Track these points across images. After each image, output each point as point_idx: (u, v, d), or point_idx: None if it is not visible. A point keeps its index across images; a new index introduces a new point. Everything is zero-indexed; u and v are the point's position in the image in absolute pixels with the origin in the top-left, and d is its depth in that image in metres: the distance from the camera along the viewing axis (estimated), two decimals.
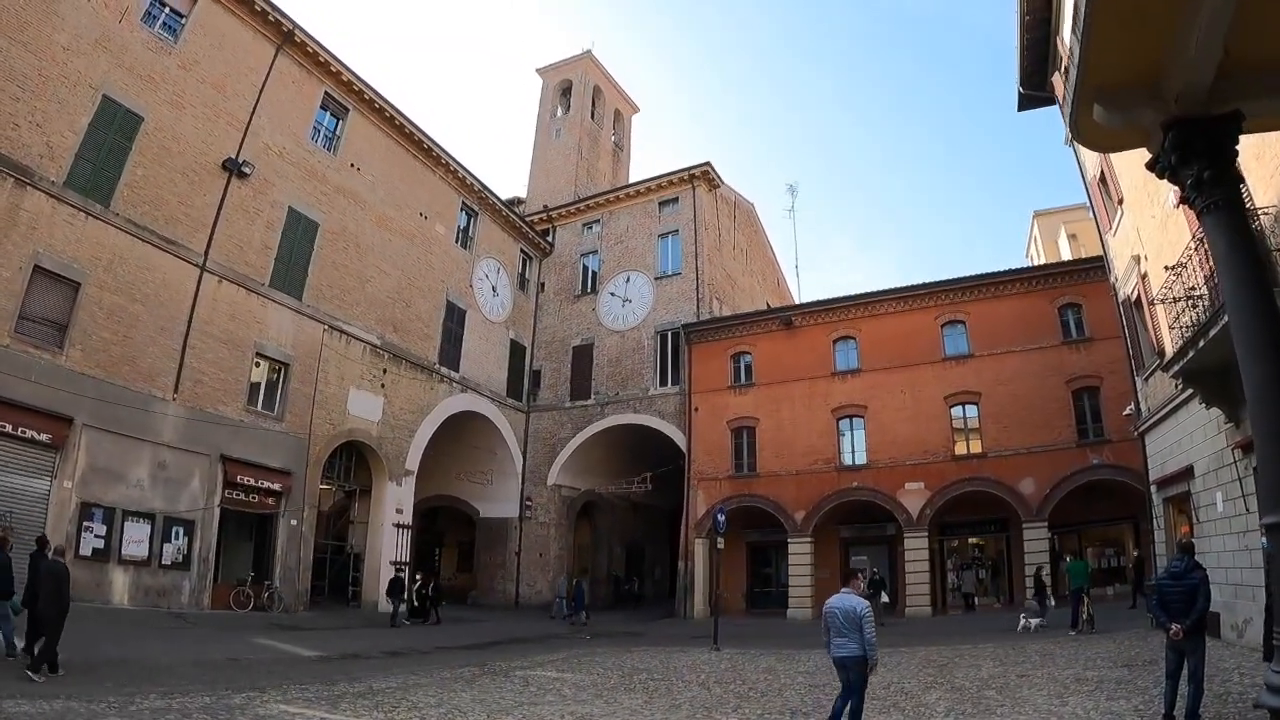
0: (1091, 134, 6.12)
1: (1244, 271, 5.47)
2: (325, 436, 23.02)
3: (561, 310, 34.96)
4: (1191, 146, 5.63)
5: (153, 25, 18.94)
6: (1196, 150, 5.64)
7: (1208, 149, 5.61)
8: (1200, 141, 5.60)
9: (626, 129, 46.65)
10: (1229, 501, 12.11)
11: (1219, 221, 5.64)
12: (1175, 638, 6.95)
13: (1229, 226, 5.59)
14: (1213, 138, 5.56)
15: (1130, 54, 5.23)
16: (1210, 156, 5.60)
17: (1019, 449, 23.43)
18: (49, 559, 10.35)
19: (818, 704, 9.91)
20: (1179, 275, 11.51)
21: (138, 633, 12.51)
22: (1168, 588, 7.30)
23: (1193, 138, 5.58)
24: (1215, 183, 5.63)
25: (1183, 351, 11.10)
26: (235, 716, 8.38)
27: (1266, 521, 4.64)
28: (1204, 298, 10.86)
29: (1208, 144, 5.60)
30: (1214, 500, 12.70)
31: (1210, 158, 5.60)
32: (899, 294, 26.89)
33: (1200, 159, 5.62)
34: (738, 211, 36.76)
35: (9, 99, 15.57)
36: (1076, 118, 5.91)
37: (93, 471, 16.42)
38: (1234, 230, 5.57)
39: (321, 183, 23.82)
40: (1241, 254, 5.52)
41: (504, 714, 9.36)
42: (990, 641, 15.96)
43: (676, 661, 14.97)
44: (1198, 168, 5.62)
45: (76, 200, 16.75)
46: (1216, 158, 5.61)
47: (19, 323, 15.47)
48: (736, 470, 28.09)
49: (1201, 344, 10.34)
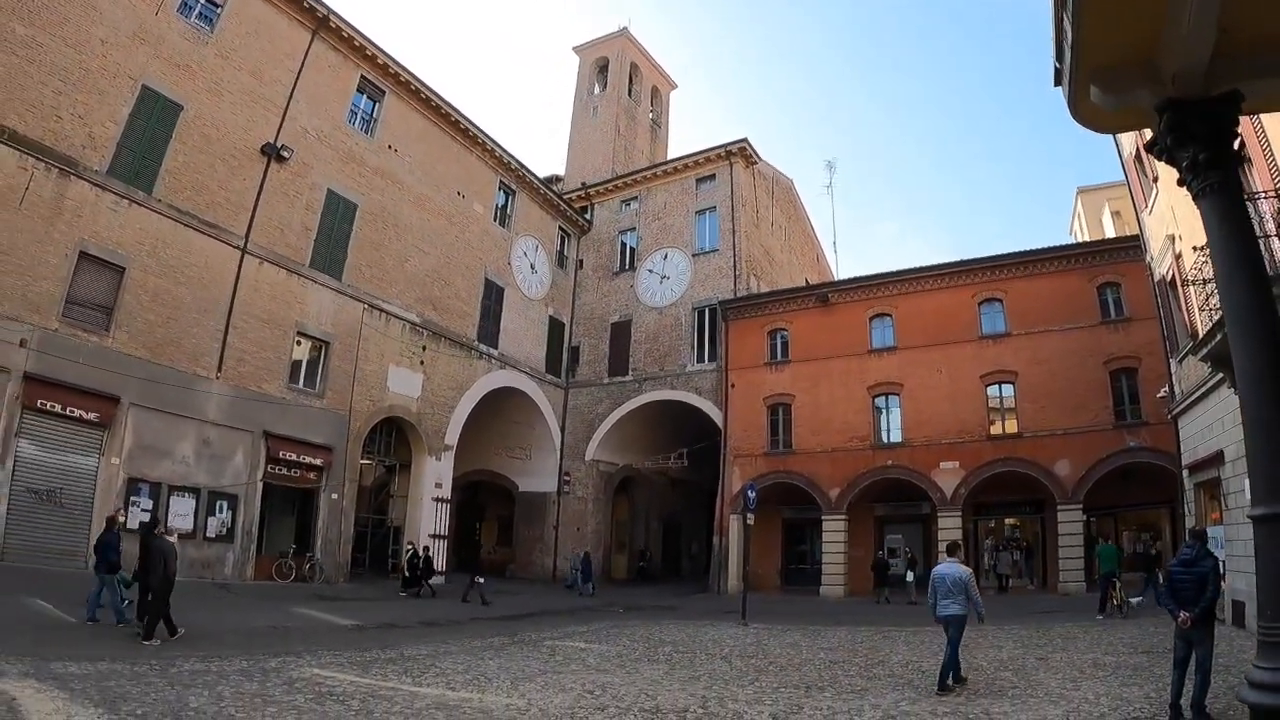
0: (1091, 115, 5.98)
1: (1239, 257, 5.34)
2: (365, 413, 23.63)
3: (600, 287, 35.13)
4: (1187, 128, 5.48)
5: (189, 16, 19.44)
6: (1192, 132, 5.48)
7: (1204, 131, 5.44)
8: (1196, 123, 5.44)
9: (664, 105, 46.34)
10: None
11: (1215, 205, 5.49)
12: (1184, 626, 6.85)
13: (1225, 210, 5.45)
14: (1209, 119, 5.40)
15: (1124, 34, 5.09)
16: (1207, 139, 5.43)
17: (1055, 430, 23.00)
18: (158, 537, 11.39)
19: (834, 679, 10.07)
20: (1209, 256, 11.14)
21: (182, 603, 12.99)
22: (1178, 575, 7.17)
23: (1188, 119, 5.42)
24: (1211, 165, 5.48)
25: (1211, 334, 10.79)
26: (269, 678, 8.80)
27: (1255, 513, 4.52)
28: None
29: (1204, 126, 5.43)
30: (1243, 487, 12.36)
31: (1207, 140, 5.43)
32: (936, 271, 26.47)
33: (1196, 141, 5.46)
34: (776, 188, 36.37)
35: (51, 93, 16.20)
36: (1075, 99, 5.77)
37: (139, 448, 17.21)
38: (1230, 214, 5.43)
39: (359, 165, 24.23)
40: (1237, 239, 5.39)
41: (527, 680, 9.63)
42: (1017, 623, 15.85)
43: (703, 635, 15.17)
44: (1194, 150, 5.46)
45: (119, 188, 17.42)
46: (1213, 140, 5.44)
47: (66, 307, 16.24)
48: (772, 447, 28.08)
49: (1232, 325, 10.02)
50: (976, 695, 8.62)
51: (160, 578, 10.75)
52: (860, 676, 10.22)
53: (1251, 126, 11.67)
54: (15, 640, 9.29)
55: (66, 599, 12.57)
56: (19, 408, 15.12)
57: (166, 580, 10.83)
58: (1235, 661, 9.05)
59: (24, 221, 15.60)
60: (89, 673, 8.14)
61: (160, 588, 10.75)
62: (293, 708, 7.52)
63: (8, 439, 14.86)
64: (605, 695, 8.77)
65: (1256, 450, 4.84)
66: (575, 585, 26.88)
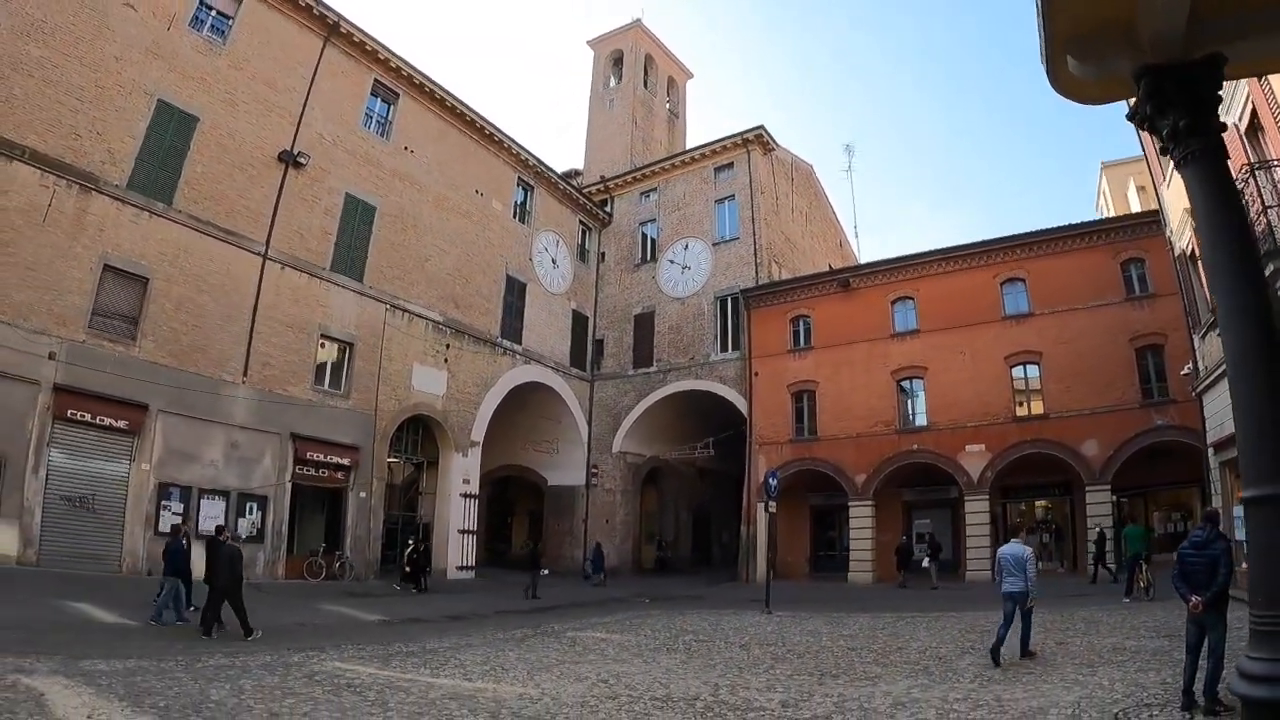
0: (1071, 86, 5.84)
1: (1223, 227, 5.20)
2: (391, 412, 23.96)
3: (622, 279, 35.20)
4: (1166, 95, 5.33)
5: (201, 29, 19.83)
6: (1171, 99, 5.33)
7: (1183, 97, 5.29)
8: (1175, 89, 5.29)
9: (681, 95, 46.18)
10: None
11: (1197, 173, 5.36)
12: (1195, 611, 6.65)
13: (1207, 179, 5.31)
14: (1188, 84, 5.25)
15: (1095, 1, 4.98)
16: (1187, 105, 5.28)
17: (1081, 410, 22.62)
18: (224, 543, 12.72)
19: (849, 666, 10.08)
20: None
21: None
22: (1189, 558, 6.92)
23: (1166, 86, 5.28)
24: (1192, 132, 5.33)
25: None
26: (291, 672, 9.07)
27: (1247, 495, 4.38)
28: None
29: (1183, 91, 5.28)
30: None
31: (1187, 106, 5.29)
32: (957, 253, 26.14)
33: (1176, 108, 5.32)
34: (796, 174, 36.12)
35: (69, 112, 16.67)
36: (1054, 70, 5.65)
37: (169, 453, 17.67)
38: (1213, 182, 5.29)
39: (376, 167, 24.52)
40: (1221, 208, 5.24)
41: (544, 670, 9.78)
42: (1043, 607, 15.56)
43: (725, 624, 15.24)
44: (1173, 117, 5.32)
45: (140, 201, 17.87)
46: (1193, 105, 5.29)
47: (93, 319, 16.76)
48: (797, 434, 28.00)
49: None
50: (990, 681, 8.56)
51: (230, 578, 11.85)
52: (876, 664, 10.21)
53: (1263, 94, 11.37)
54: (50, 640, 9.62)
55: (103, 601, 13.00)
56: (50, 418, 15.63)
57: (235, 580, 11.95)
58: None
59: (48, 237, 16.09)
60: (117, 670, 8.43)
61: (231, 587, 11.81)
62: (310, 699, 7.74)
63: (40, 449, 15.38)
64: (619, 684, 8.87)
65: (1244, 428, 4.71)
66: (589, 576, 27.39)
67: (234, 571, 12.01)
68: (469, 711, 7.44)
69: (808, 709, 7.55)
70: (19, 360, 15.25)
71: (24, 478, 15.09)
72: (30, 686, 7.31)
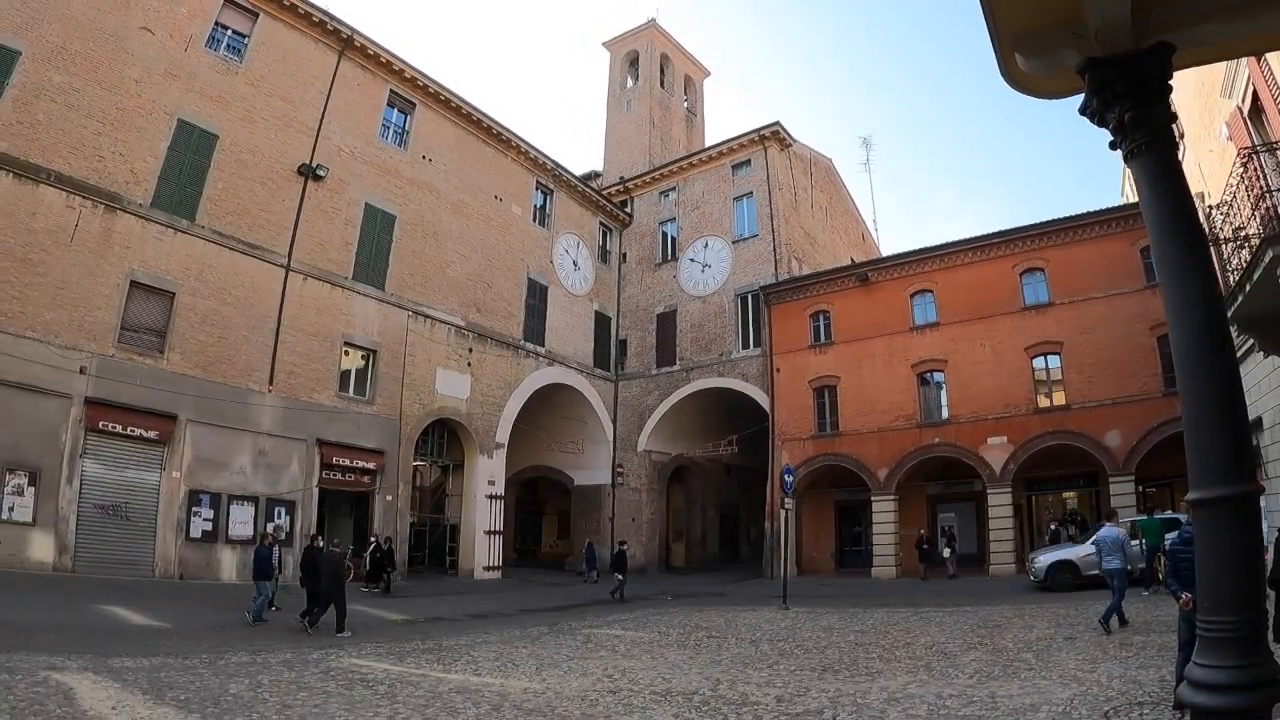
0: (1023, 81, 5.82)
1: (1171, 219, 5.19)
2: (415, 416, 24.42)
3: (644, 279, 35.40)
4: (1111, 88, 5.31)
5: (217, 49, 20.42)
6: (1117, 91, 5.33)
7: (1128, 89, 5.30)
8: (1119, 82, 5.28)
9: (698, 94, 46.20)
10: None
11: (1144, 166, 5.35)
12: (1185, 608, 6.59)
13: (1155, 171, 5.29)
14: (1131, 76, 5.26)
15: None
16: (1133, 97, 5.30)
17: (1103, 400, 22.35)
18: (325, 550, 14.06)
19: (853, 661, 10.16)
20: (1226, 214, 10.74)
21: (241, 604, 13.96)
22: (1180, 554, 6.76)
23: (1110, 79, 5.26)
24: (1138, 125, 5.33)
25: (1232, 296, 10.36)
26: (308, 668, 9.49)
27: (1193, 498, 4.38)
28: (1250, 239, 10.09)
29: (1127, 83, 5.29)
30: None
31: (1133, 98, 5.30)
32: (975, 244, 25.92)
33: (1121, 100, 5.33)
34: (814, 168, 36.02)
35: (92, 134, 17.32)
36: (1004, 65, 5.68)
37: (198, 462, 18.27)
38: (1160, 175, 5.26)
39: (395, 177, 25.00)
40: (1168, 201, 5.23)
41: (552, 666, 10.07)
42: (1059, 601, 15.55)
43: (740, 620, 15.36)
44: (1119, 110, 5.34)
45: (163, 218, 18.50)
46: (1140, 97, 5.31)
47: (121, 334, 17.40)
48: (819, 430, 27.98)
49: (1248, 288, 9.62)
50: (989, 678, 8.56)
51: (334, 581, 13.16)
52: (880, 659, 10.26)
53: (1263, 75, 11.21)
54: (81, 641, 10.08)
55: (135, 605, 13.56)
56: (82, 430, 16.28)
57: (339, 582, 13.22)
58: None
59: (76, 256, 16.75)
60: (143, 666, 8.87)
61: (335, 589, 13.10)
62: (323, 693, 8.10)
63: (73, 460, 16.03)
64: (622, 679, 9.09)
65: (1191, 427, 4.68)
66: (583, 573, 27.66)
67: (337, 575, 13.29)
68: (473, 704, 7.72)
69: (802, 704, 7.66)
70: (51, 375, 15.91)
71: (59, 487, 15.74)
72: (60, 682, 7.74)
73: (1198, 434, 4.47)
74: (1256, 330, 11.06)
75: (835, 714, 7.18)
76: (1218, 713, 3.64)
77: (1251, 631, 3.70)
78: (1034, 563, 18.98)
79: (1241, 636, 3.67)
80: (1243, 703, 3.54)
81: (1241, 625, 3.69)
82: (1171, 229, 4.87)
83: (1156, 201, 5.07)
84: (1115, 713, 6.62)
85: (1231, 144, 11.22)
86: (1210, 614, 3.97)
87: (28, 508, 15.24)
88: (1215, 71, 12.24)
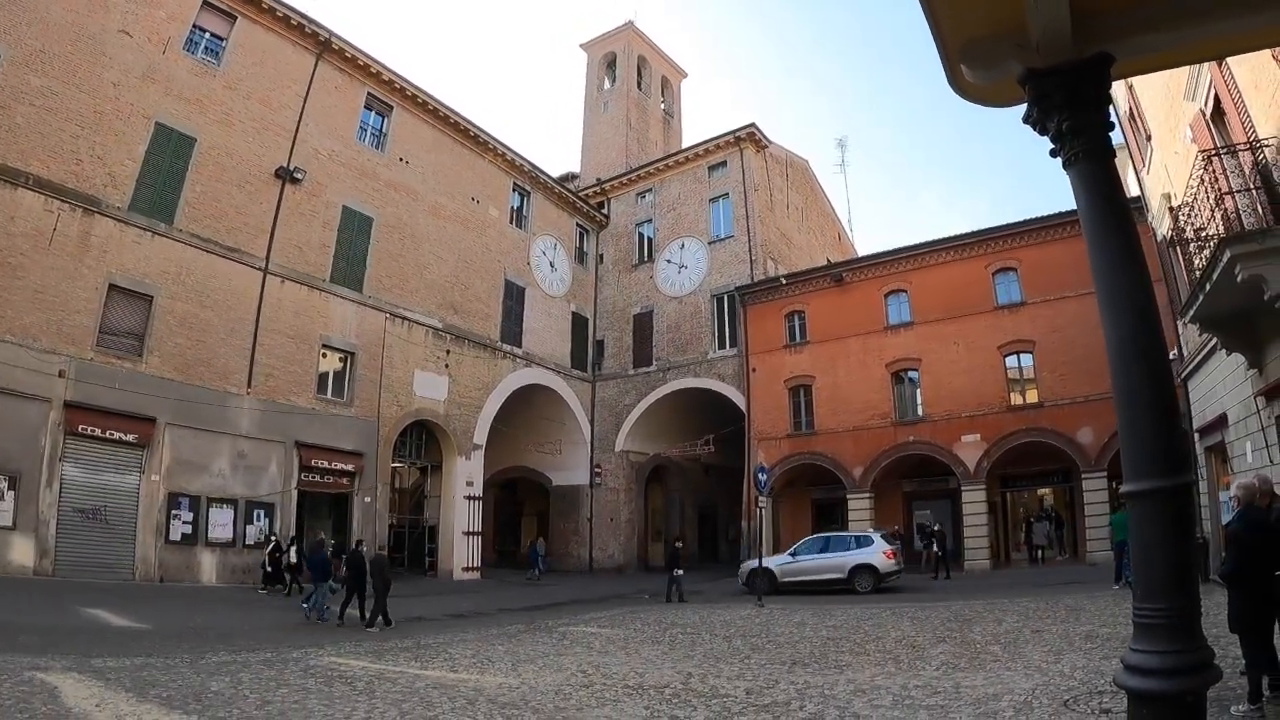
0: (970, 91, 5.98)
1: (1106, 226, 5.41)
2: (394, 418, 24.51)
3: (620, 280, 35.64)
4: (1050, 98, 5.52)
5: (195, 52, 20.43)
6: (1056, 102, 5.54)
7: (1066, 100, 5.54)
8: (1056, 92, 5.49)
9: (675, 95, 46.49)
10: (1256, 451, 11.70)
11: (1081, 173, 5.56)
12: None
13: (1091, 178, 5.49)
14: (1070, 87, 5.50)
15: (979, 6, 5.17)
16: (1070, 106, 5.53)
17: (1075, 398, 22.73)
18: (375, 554, 15.36)
19: (823, 655, 10.28)
20: (1188, 215, 11.07)
21: (223, 606, 14.11)
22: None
23: (1048, 89, 5.46)
24: (1076, 133, 5.57)
25: (1193, 296, 10.67)
26: (288, 666, 9.61)
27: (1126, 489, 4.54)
28: (1211, 239, 10.41)
29: (1064, 93, 5.51)
30: (1245, 450, 12.25)
31: (1071, 107, 5.54)
32: (948, 244, 26.37)
33: (1061, 110, 5.56)
34: (790, 170, 36.41)
35: (69, 138, 17.32)
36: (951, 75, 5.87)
37: (177, 464, 18.31)
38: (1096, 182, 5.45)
39: (372, 179, 25.08)
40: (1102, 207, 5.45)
41: (528, 663, 10.22)
42: (1029, 595, 15.82)
43: (716, 617, 15.55)
44: (1058, 119, 5.57)
45: (142, 221, 18.53)
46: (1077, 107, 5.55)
47: (100, 337, 17.42)
48: (795, 429, 28.34)
49: (1208, 288, 9.93)
50: (955, 669, 8.70)
51: (382, 581, 14.22)
52: (850, 653, 10.40)
53: (1224, 80, 11.55)
54: (65, 643, 10.16)
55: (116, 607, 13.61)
56: (61, 434, 16.29)
57: (385, 582, 14.24)
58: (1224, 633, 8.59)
59: (54, 260, 16.76)
60: (125, 666, 8.98)
61: (381, 589, 14.12)
62: (302, 689, 8.24)
63: (53, 463, 16.04)
64: (596, 674, 9.24)
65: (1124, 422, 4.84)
66: (529, 574, 27.66)
67: (385, 575, 14.35)
68: (449, 699, 7.86)
69: (770, 695, 7.80)
70: (30, 379, 15.92)
71: (38, 491, 15.75)
72: (45, 681, 7.84)
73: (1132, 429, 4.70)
74: (1218, 329, 11.37)
75: (802, 705, 7.31)
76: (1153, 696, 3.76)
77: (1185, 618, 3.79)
78: (741, 569, 21.94)
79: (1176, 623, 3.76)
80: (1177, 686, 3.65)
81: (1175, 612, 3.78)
82: (1105, 233, 5.11)
83: (1092, 207, 5.32)
84: (1075, 701, 6.72)
85: (1195, 146, 11.55)
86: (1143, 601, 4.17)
87: (7, 512, 15.24)
88: (1179, 75, 12.55)
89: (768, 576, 19.67)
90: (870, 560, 19.36)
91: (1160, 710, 3.77)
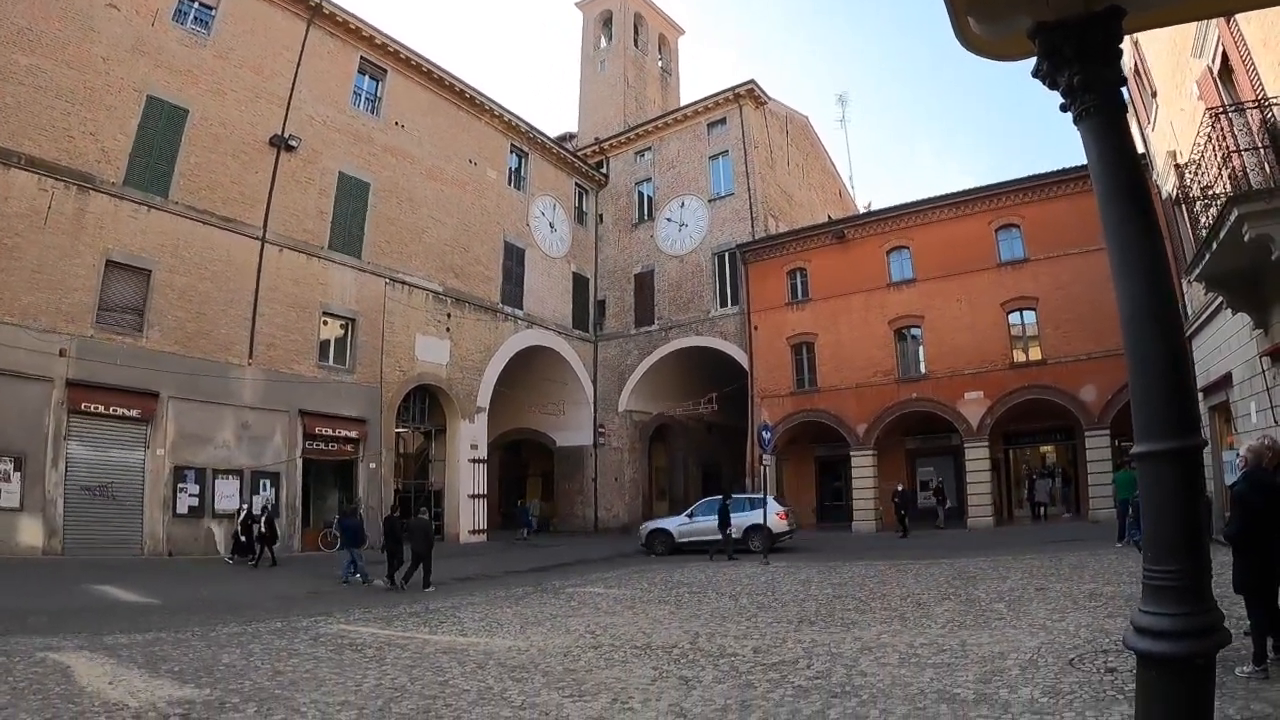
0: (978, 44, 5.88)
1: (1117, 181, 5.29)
2: (396, 383, 24.56)
3: (621, 240, 35.43)
4: (1060, 52, 5.40)
5: (184, 22, 20.07)
6: (1066, 55, 5.41)
7: (1077, 53, 5.40)
8: (1067, 46, 5.38)
9: (673, 53, 45.67)
10: (1261, 412, 11.66)
11: (1091, 128, 5.42)
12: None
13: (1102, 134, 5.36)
14: (1081, 41, 5.36)
15: None
16: (1081, 60, 5.39)
17: (1079, 355, 22.66)
18: (415, 518, 15.99)
19: (830, 613, 10.36)
20: (1194, 173, 10.90)
21: (231, 577, 14.21)
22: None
23: (1059, 42, 5.35)
24: (1086, 88, 5.43)
25: (1199, 255, 10.56)
26: (299, 635, 9.73)
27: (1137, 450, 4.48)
28: (1218, 198, 10.27)
29: (1075, 47, 5.38)
30: (1249, 410, 12.20)
31: (1081, 61, 5.40)
32: (951, 200, 26.07)
33: (1071, 64, 5.42)
34: (790, 126, 35.92)
35: (60, 115, 17.13)
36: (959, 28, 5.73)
37: (182, 438, 18.40)
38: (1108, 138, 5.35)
39: (368, 144, 24.79)
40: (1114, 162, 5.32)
41: (536, 625, 10.34)
42: (1034, 552, 15.84)
43: (720, 576, 15.68)
44: (1069, 73, 5.43)
45: (137, 196, 18.39)
46: (1088, 60, 5.41)
47: (100, 314, 17.43)
48: (798, 386, 28.37)
49: (1215, 246, 9.82)
50: (960, 627, 8.76)
51: (426, 544, 14.71)
52: (855, 610, 10.47)
53: (1232, 37, 11.28)
54: (76, 621, 10.27)
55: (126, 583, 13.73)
56: (65, 412, 16.38)
57: (428, 544, 14.76)
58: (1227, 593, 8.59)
59: (50, 239, 16.68)
60: (137, 641, 9.06)
61: (425, 551, 14.65)
62: (312, 658, 8.34)
63: (58, 442, 16.15)
64: (604, 635, 9.35)
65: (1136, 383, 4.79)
66: (519, 534, 28.25)
67: (428, 539, 14.90)
68: (458, 663, 7.97)
69: (778, 654, 7.86)
70: (32, 360, 15.96)
71: (44, 471, 15.87)
72: (58, 661, 7.92)
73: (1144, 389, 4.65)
74: (1224, 287, 11.28)
75: (810, 663, 7.37)
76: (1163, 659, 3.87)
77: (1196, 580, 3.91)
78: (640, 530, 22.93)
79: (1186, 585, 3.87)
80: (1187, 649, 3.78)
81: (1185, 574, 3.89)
82: (1117, 190, 5.00)
83: (1103, 163, 5.20)
84: (1080, 660, 6.78)
85: (1202, 103, 11.35)
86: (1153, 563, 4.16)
87: (15, 493, 15.37)
88: (1186, 31, 12.30)
89: (665, 537, 20.71)
90: (763, 521, 19.50)
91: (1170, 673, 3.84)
